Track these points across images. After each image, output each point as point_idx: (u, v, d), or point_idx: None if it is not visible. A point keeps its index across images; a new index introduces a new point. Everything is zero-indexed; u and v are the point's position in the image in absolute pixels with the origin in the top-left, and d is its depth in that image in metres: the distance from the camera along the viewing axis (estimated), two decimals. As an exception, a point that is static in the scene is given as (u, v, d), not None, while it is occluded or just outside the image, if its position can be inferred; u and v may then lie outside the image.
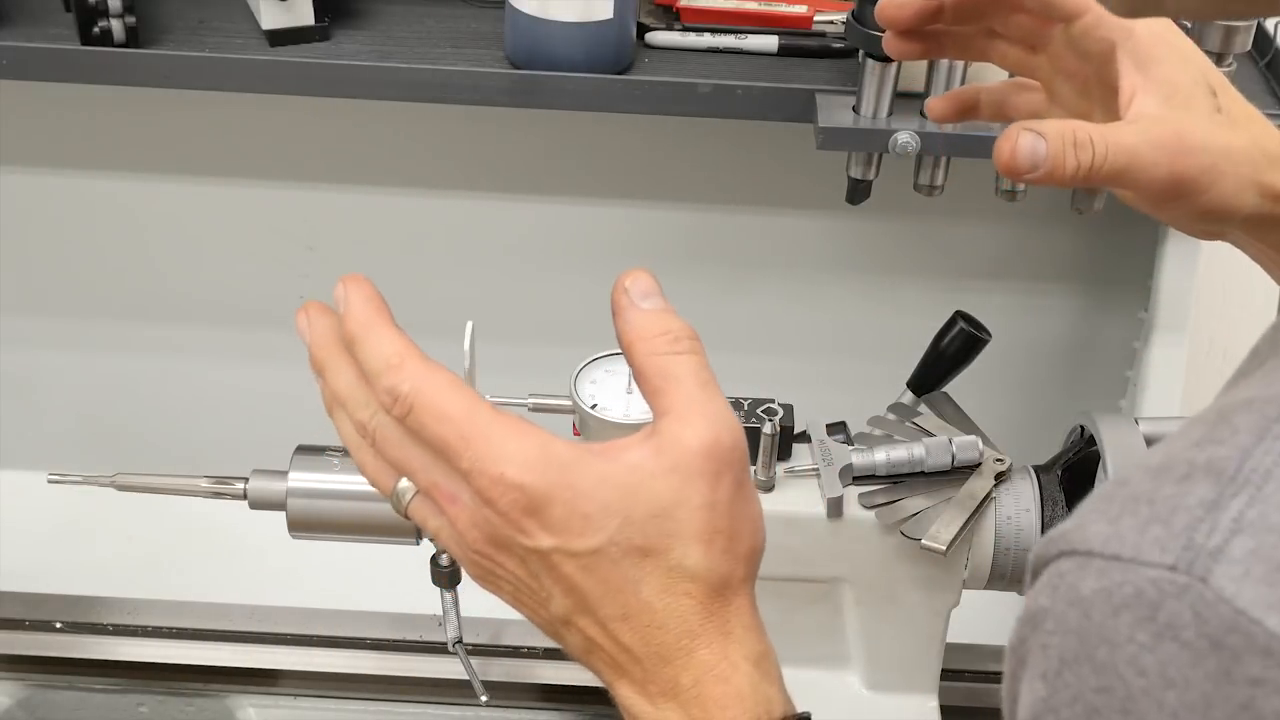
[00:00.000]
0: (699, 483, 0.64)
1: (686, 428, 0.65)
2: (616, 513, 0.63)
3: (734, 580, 0.66)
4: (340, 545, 1.07)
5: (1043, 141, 0.78)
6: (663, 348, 0.68)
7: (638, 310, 0.68)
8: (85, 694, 1.28)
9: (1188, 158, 0.78)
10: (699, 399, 0.66)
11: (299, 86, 1.20)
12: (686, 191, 1.39)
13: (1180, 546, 0.47)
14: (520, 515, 0.63)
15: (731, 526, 0.65)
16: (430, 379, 0.68)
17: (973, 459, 1.00)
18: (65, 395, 1.52)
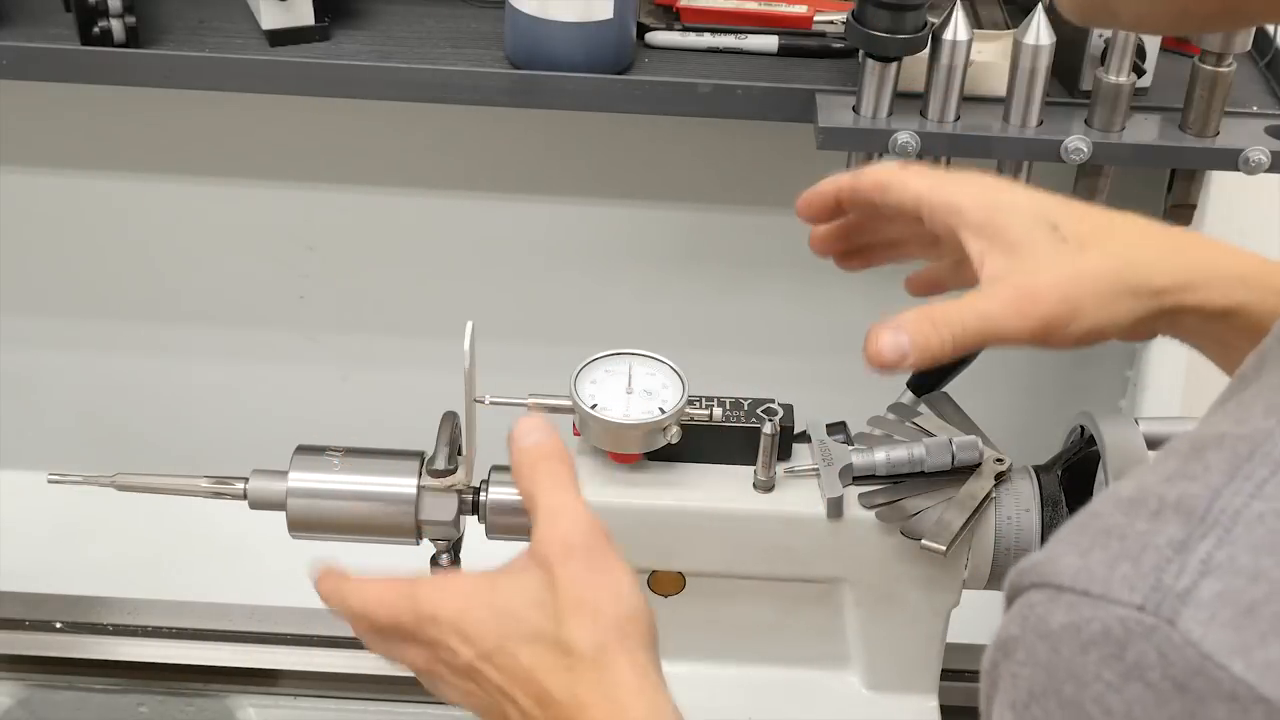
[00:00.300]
0: (554, 569, 0.76)
1: (537, 530, 0.79)
2: (501, 612, 0.76)
3: (608, 647, 0.74)
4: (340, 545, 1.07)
5: (903, 333, 0.84)
6: (525, 474, 0.82)
7: (514, 448, 0.83)
8: (85, 694, 1.28)
9: (1037, 303, 0.82)
10: (545, 504, 0.80)
11: (299, 86, 1.20)
12: (686, 191, 1.39)
13: (1149, 587, 0.47)
14: (447, 637, 0.77)
15: (592, 599, 0.75)
16: (361, 589, 0.83)
17: (973, 459, 1.00)
18: (65, 395, 1.52)
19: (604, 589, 0.76)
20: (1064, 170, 1.21)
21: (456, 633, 0.77)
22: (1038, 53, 1.12)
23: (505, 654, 0.76)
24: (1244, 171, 1.16)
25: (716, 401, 1.02)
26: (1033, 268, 0.83)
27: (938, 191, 0.88)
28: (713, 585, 1.05)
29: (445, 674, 0.79)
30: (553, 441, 0.83)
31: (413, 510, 1.03)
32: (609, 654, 0.74)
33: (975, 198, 0.86)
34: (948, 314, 0.83)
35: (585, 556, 0.77)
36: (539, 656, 0.75)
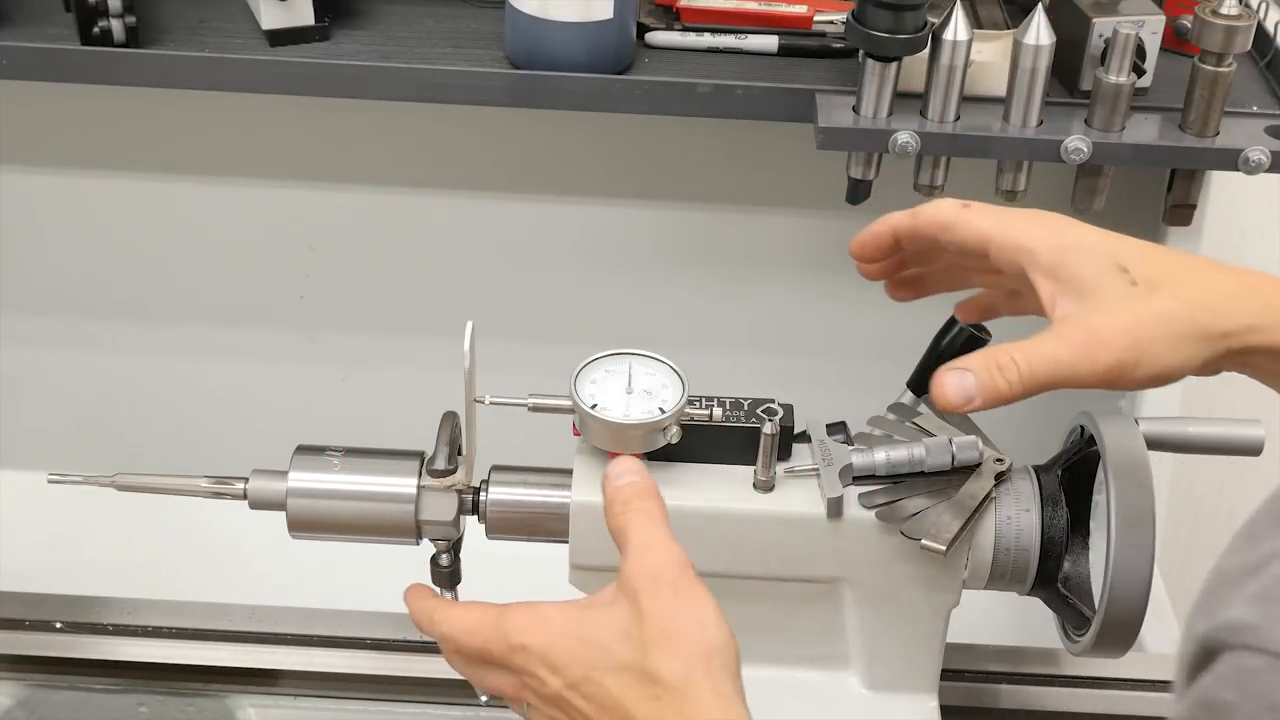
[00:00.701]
0: (641, 599, 0.79)
1: (626, 563, 0.81)
2: (589, 643, 0.79)
3: (694, 677, 0.77)
4: (340, 545, 1.07)
5: (970, 375, 0.85)
6: (618, 511, 0.85)
7: (608, 487, 0.86)
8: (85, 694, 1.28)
9: (1105, 347, 0.82)
10: (635, 539, 0.82)
11: (299, 86, 1.20)
12: (686, 191, 1.39)
13: None
14: (536, 667, 0.80)
15: (677, 630, 0.78)
16: (450, 615, 0.88)
17: (973, 459, 1.00)
18: (65, 395, 1.52)
19: (690, 619, 0.78)
20: (1064, 170, 1.21)
21: (544, 663, 0.80)
22: (1038, 53, 1.12)
23: (592, 683, 0.78)
24: (1244, 171, 1.16)
25: (716, 401, 1.02)
26: (1103, 310, 0.83)
27: (1006, 232, 0.88)
28: (713, 585, 1.04)
29: (533, 700, 0.82)
30: (646, 481, 0.86)
31: (413, 510, 1.03)
32: (694, 683, 0.76)
33: (1046, 240, 0.87)
34: (1015, 357, 0.84)
35: (672, 589, 0.80)
36: (626, 686, 0.77)
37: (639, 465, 0.87)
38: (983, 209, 0.90)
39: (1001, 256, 0.88)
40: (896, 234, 0.94)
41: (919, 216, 0.93)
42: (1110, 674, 1.25)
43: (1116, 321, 0.83)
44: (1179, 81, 1.18)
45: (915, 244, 0.95)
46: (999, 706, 1.25)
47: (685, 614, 0.79)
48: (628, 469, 0.87)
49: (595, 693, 0.78)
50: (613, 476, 0.86)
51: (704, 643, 0.78)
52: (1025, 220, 0.89)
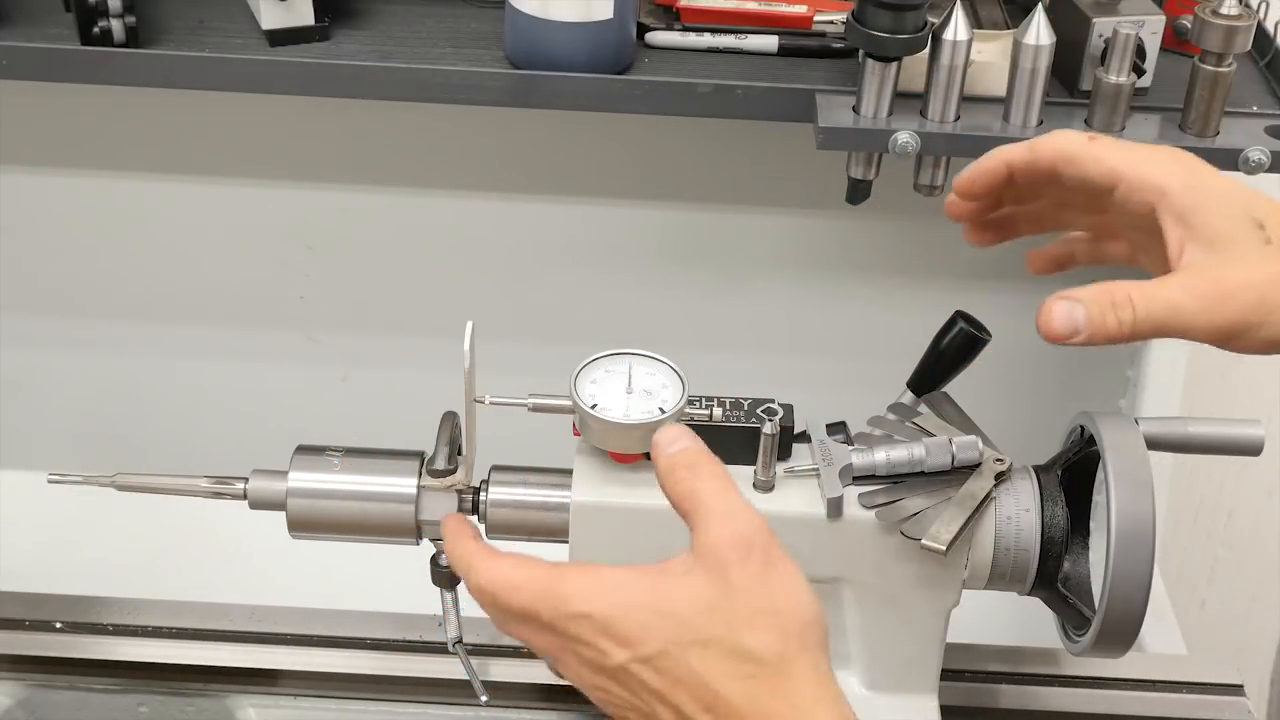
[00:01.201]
0: (729, 571, 0.73)
1: (708, 531, 0.75)
2: (668, 615, 0.73)
3: (790, 654, 0.72)
4: (340, 545, 1.07)
5: (1080, 307, 0.82)
6: (683, 476, 0.78)
7: (663, 455, 0.80)
8: (85, 694, 1.28)
9: (1230, 301, 0.79)
10: (714, 506, 0.76)
11: (299, 86, 1.20)
12: (686, 191, 1.39)
13: None
14: (596, 637, 0.75)
15: (772, 604, 0.72)
16: (494, 566, 0.80)
17: (973, 459, 1.00)
18: (65, 395, 1.52)
19: (784, 592, 0.74)
20: (1064, 170, 1.21)
21: (610, 634, 0.74)
22: (1038, 53, 1.12)
23: (670, 658, 0.72)
24: (1244, 171, 1.16)
25: (716, 401, 1.02)
26: (1234, 264, 0.81)
27: (1139, 168, 0.85)
28: (713, 585, 1.05)
29: (580, 669, 0.78)
30: (703, 447, 0.81)
31: (413, 510, 1.03)
32: (792, 661, 0.72)
33: (1182, 180, 0.84)
34: (1132, 296, 0.81)
35: (763, 558, 0.74)
36: (713, 662, 0.72)
37: (689, 431, 0.81)
38: (1110, 142, 0.87)
39: (1131, 195, 0.85)
40: (1011, 168, 0.90)
41: (1038, 149, 0.89)
42: (1110, 674, 1.25)
43: (1246, 276, 0.79)
44: (1179, 81, 1.18)
45: (1030, 178, 0.90)
46: (999, 706, 1.25)
47: (780, 587, 0.73)
48: (680, 433, 0.80)
49: (673, 668, 0.72)
50: (664, 444, 0.80)
51: (800, 619, 0.73)
52: (1159, 157, 0.86)
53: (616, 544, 1.03)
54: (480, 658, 1.26)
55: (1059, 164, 0.88)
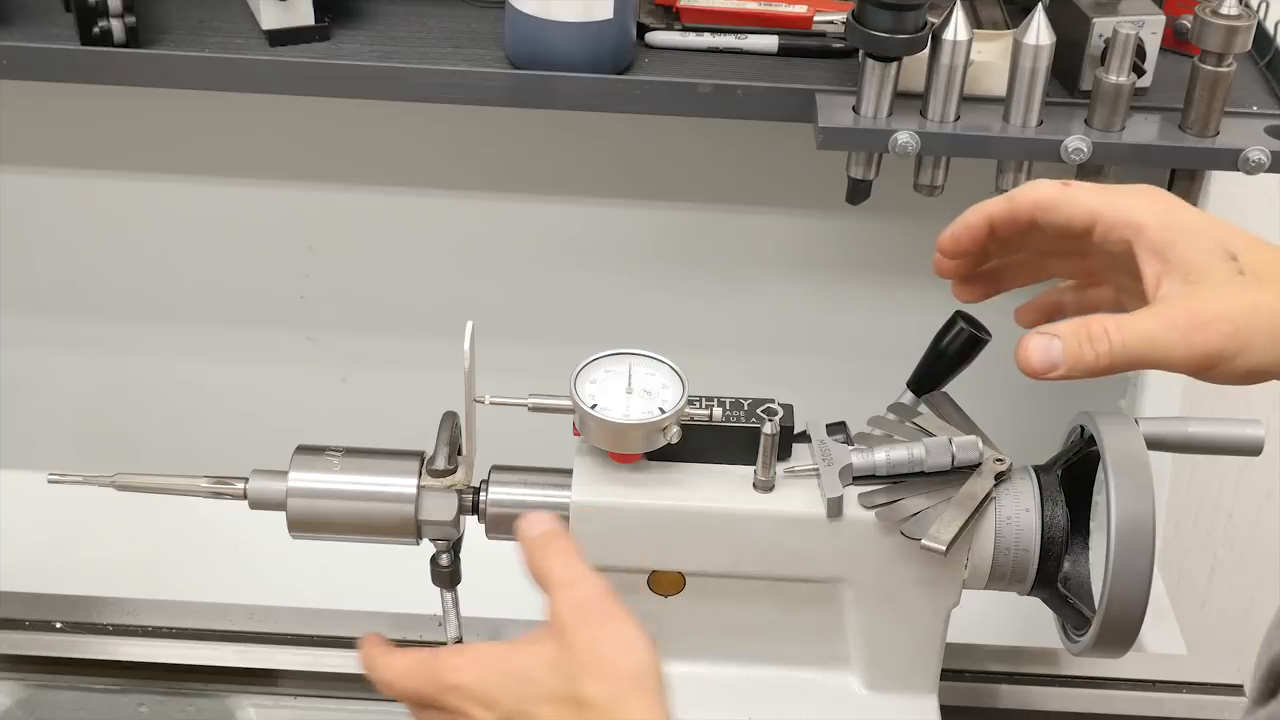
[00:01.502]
0: (568, 633, 0.82)
1: (554, 601, 0.85)
2: (520, 678, 0.83)
3: (622, 698, 0.79)
4: (340, 545, 1.07)
5: (1056, 341, 0.84)
6: (538, 556, 0.88)
7: (524, 539, 0.90)
8: (85, 694, 1.28)
9: (1205, 331, 0.81)
10: (558, 577, 0.86)
11: (299, 86, 1.20)
12: (686, 191, 1.39)
13: None
14: (467, 704, 0.84)
15: (605, 656, 0.80)
16: (389, 662, 0.90)
17: (973, 459, 1.00)
18: (65, 395, 1.52)
19: (615, 644, 0.81)
20: (1064, 170, 1.21)
21: (476, 699, 0.83)
22: (1038, 53, 1.12)
23: (525, 715, 0.81)
24: (1244, 171, 1.16)
25: (716, 401, 1.02)
26: (1208, 295, 0.82)
27: (1116, 207, 0.86)
28: (713, 585, 1.05)
29: None
30: (558, 525, 0.90)
31: (413, 510, 1.03)
32: (622, 704, 0.78)
33: (1158, 218, 0.85)
34: (1108, 329, 0.82)
35: (597, 617, 0.82)
36: (557, 713, 0.80)
37: (549, 515, 0.91)
38: (1085, 186, 0.89)
39: (1109, 234, 0.87)
40: (991, 221, 0.92)
41: (1016, 200, 0.91)
42: (1110, 674, 1.25)
43: (1221, 308, 0.81)
44: (1179, 81, 1.18)
45: (1011, 230, 0.92)
46: (999, 706, 1.25)
47: (612, 641, 0.81)
48: (539, 520, 0.90)
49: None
50: (525, 529, 0.90)
51: (631, 666, 0.80)
52: (1135, 195, 0.87)
53: (616, 544, 1.03)
54: None
55: (1036, 212, 0.90)
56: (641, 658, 0.80)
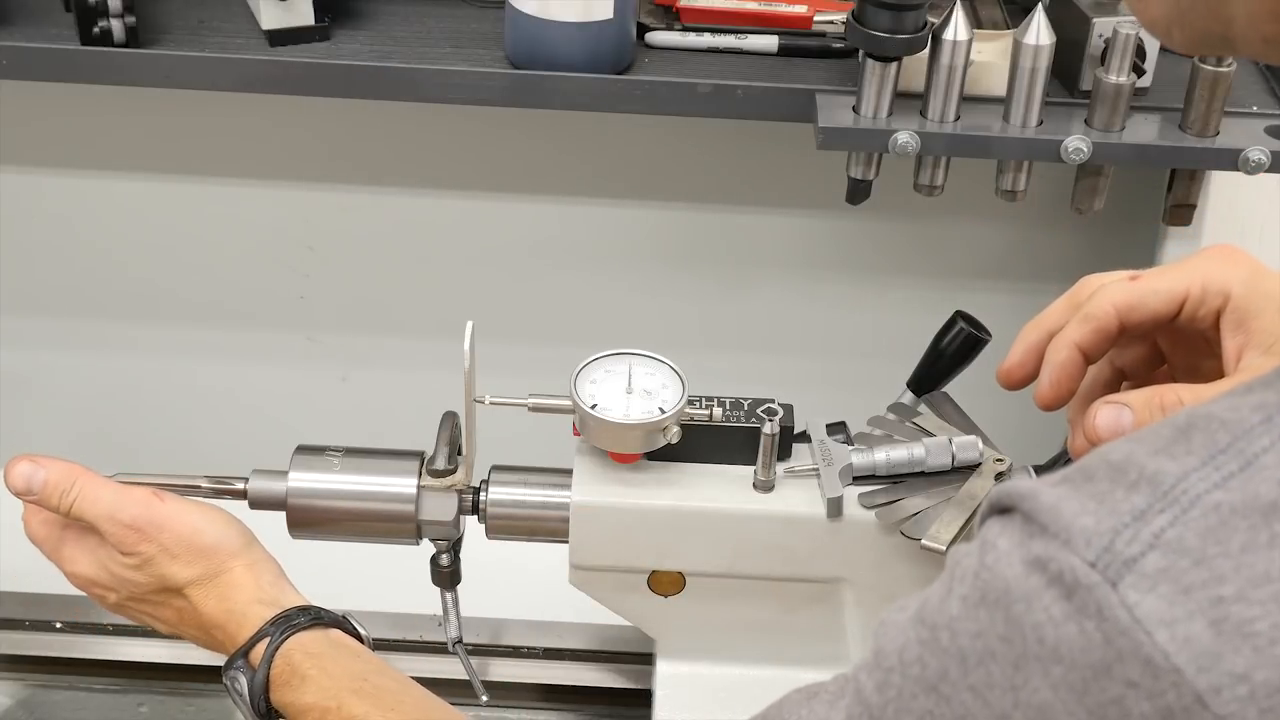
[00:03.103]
0: (137, 548, 0.99)
1: (105, 532, 1.00)
2: (122, 579, 1.01)
3: (192, 576, 0.98)
4: (340, 545, 1.07)
5: (1127, 411, 0.81)
6: (60, 508, 1.02)
7: (29, 499, 1.04)
8: (85, 694, 1.28)
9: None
10: (88, 517, 1.01)
11: (299, 86, 1.20)
12: (686, 191, 1.39)
13: (1102, 547, 0.52)
14: (92, 589, 1.04)
15: (166, 548, 0.98)
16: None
17: (973, 459, 1.00)
18: (66, 395, 1.52)
19: (170, 537, 0.99)
20: (1064, 170, 1.21)
21: (97, 588, 1.03)
22: (1038, 53, 1.12)
23: (139, 602, 1.02)
24: (1244, 171, 1.16)
25: (716, 401, 1.02)
26: None
27: (1199, 281, 0.83)
28: (713, 585, 1.05)
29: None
30: (48, 473, 1.03)
31: (413, 510, 1.03)
32: (187, 570, 0.98)
33: (1244, 283, 0.83)
34: (1184, 400, 0.79)
35: (142, 529, 0.99)
36: (161, 598, 1.00)
37: (27, 465, 1.04)
38: (1151, 272, 0.85)
39: (1197, 311, 0.83)
40: (1082, 349, 0.86)
41: (1097, 318, 0.85)
42: (1110, 674, 1.25)
43: None
44: (1179, 81, 1.18)
45: (1101, 350, 0.87)
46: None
47: (166, 536, 0.98)
48: (26, 470, 1.04)
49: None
50: (19, 486, 1.04)
51: (191, 544, 0.98)
52: (1213, 262, 0.84)
53: (616, 544, 1.03)
54: (480, 658, 1.26)
55: (1122, 320, 0.85)
56: (201, 533, 0.97)
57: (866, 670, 0.61)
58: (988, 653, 0.55)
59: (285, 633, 0.95)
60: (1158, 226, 1.31)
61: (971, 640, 0.55)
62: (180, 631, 1.02)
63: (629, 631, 1.13)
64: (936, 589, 0.59)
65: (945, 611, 0.57)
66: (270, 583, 0.99)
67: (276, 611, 0.96)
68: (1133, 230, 1.37)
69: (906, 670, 0.58)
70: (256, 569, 0.99)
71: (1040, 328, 0.89)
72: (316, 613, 0.97)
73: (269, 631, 0.95)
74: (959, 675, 0.56)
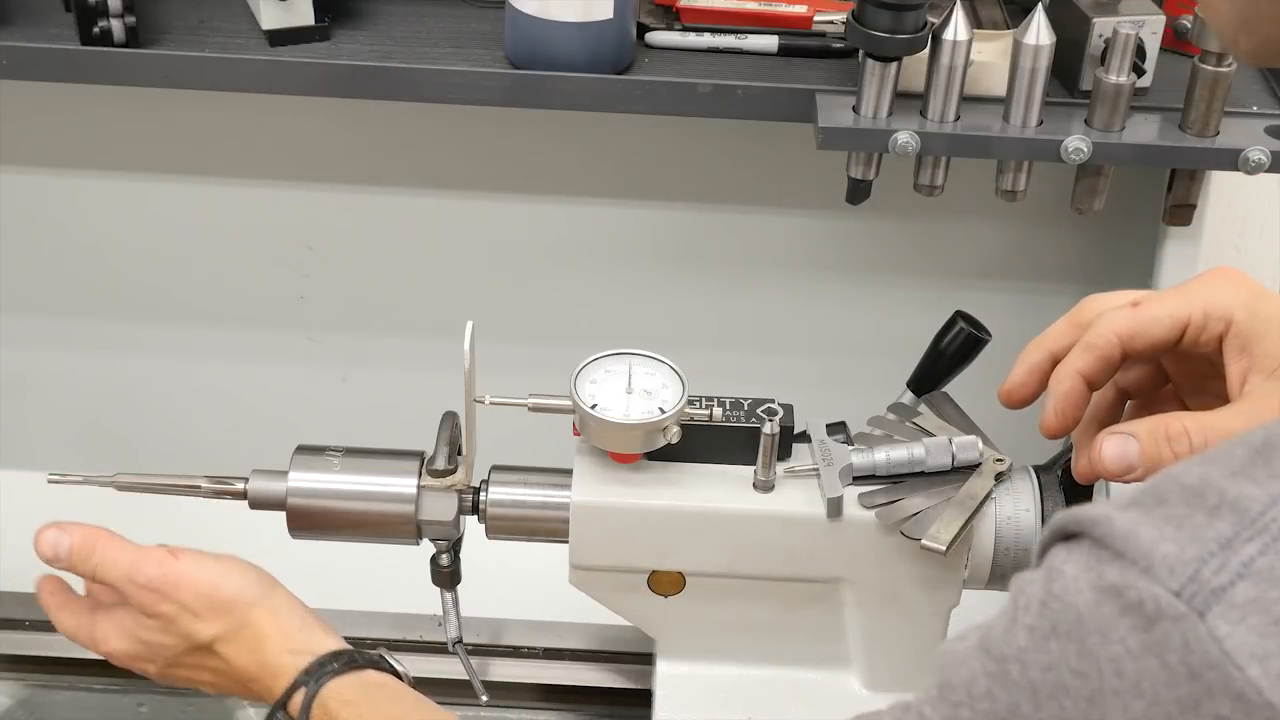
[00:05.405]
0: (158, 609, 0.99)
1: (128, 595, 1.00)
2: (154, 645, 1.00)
3: (217, 632, 0.97)
4: (340, 545, 1.07)
5: (1133, 441, 0.79)
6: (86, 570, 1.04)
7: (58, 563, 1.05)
8: (85, 694, 1.28)
9: None
10: (112, 579, 1.01)
11: (299, 86, 1.20)
12: (686, 191, 1.39)
13: (1187, 576, 0.50)
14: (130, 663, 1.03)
15: (188, 607, 0.97)
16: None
17: (973, 459, 1.00)
18: (65, 395, 1.52)
19: (190, 596, 0.98)
20: (1064, 170, 1.21)
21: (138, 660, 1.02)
22: (1038, 53, 1.12)
23: (176, 665, 1.00)
24: (1244, 171, 1.16)
25: (716, 401, 1.02)
26: None
27: (1201, 306, 0.82)
28: (713, 585, 1.05)
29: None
30: (76, 537, 1.03)
31: (413, 510, 1.03)
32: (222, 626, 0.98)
33: (1245, 308, 0.82)
34: (1189, 429, 0.79)
35: (164, 587, 0.99)
36: (193, 659, 0.99)
37: (55, 530, 1.04)
38: (1152, 296, 0.84)
39: (1199, 336, 0.82)
40: (1085, 377, 0.86)
41: (1099, 346, 0.84)
42: (1110, 674, 1.25)
43: None
44: (1179, 81, 1.18)
45: (1104, 376, 0.86)
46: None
47: (186, 595, 0.98)
48: (58, 535, 1.03)
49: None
50: (48, 553, 1.04)
51: (212, 601, 0.98)
52: (1214, 286, 0.83)
53: (616, 544, 1.03)
54: (480, 658, 1.26)
55: (1124, 347, 0.85)
56: (219, 587, 0.97)
57: (931, 704, 0.59)
58: (1060, 687, 0.53)
59: (320, 680, 0.93)
60: (1158, 226, 1.31)
61: (1043, 673, 0.54)
62: (224, 689, 1.01)
63: (629, 631, 1.13)
64: (1000, 618, 0.57)
65: (1012, 642, 0.55)
66: (298, 628, 0.97)
67: (309, 660, 0.95)
68: (1133, 230, 1.37)
69: (976, 705, 0.56)
70: (280, 616, 0.97)
71: (1041, 348, 0.89)
72: (350, 656, 0.95)
73: (303, 681, 0.94)
74: (1030, 710, 0.54)
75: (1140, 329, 0.84)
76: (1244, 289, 0.83)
